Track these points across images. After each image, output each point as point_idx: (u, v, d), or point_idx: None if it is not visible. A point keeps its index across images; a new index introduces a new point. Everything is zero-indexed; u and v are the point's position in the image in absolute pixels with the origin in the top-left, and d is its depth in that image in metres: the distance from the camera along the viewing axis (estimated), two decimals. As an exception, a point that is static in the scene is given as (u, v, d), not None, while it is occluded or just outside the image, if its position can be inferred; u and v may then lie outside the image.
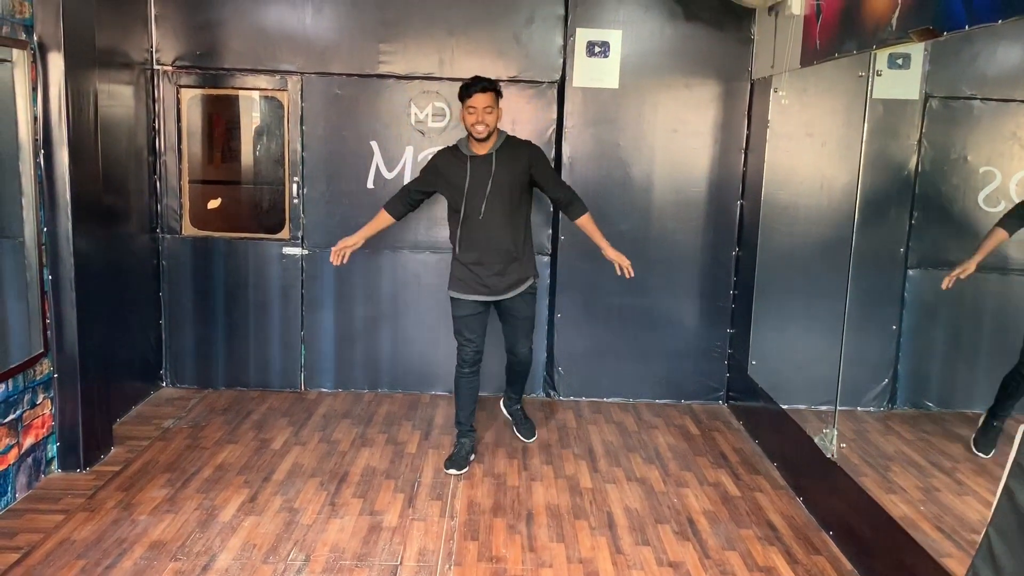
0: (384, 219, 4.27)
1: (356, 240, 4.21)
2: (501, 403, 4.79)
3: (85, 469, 4.03)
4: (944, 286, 3.85)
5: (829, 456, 3.64)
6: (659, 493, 4.01)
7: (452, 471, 4.17)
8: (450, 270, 4.25)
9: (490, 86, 3.96)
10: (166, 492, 3.84)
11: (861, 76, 3.54)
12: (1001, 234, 3.80)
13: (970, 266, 3.81)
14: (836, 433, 3.62)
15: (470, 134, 4.03)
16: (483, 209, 4.03)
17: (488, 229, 4.05)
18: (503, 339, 4.41)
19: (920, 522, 3.38)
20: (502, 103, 4.06)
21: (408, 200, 4.27)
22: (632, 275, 4.22)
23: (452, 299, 4.22)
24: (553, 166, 5.06)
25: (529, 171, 4.09)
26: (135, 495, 3.80)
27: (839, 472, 3.58)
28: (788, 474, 4.21)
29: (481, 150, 4.06)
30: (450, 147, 4.22)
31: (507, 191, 4.04)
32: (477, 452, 4.38)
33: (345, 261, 4.20)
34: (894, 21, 3.17)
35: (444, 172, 4.12)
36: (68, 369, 3.97)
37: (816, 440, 3.77)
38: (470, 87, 3.95)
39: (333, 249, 4.20)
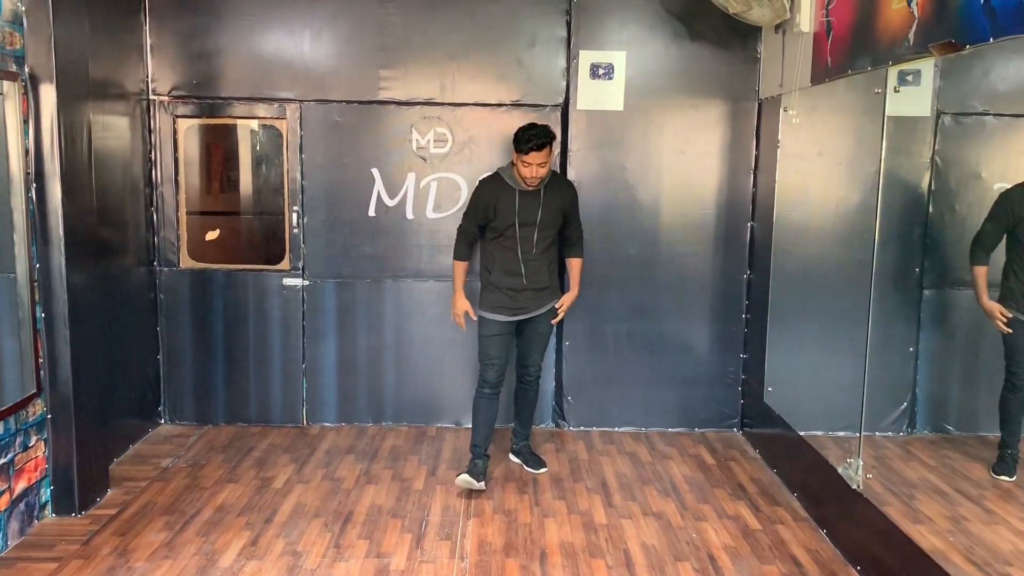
0: (464, 267, 4.34)
1: (462, 298, 4.31)
2: (510, 453, 4.63)
3: (80, 513, 3.88)
4: (1007, 332, 3.85)
5: (855, 487, 3.49)
6: (677, 528, 3.85)
7: (466, 475, 4.15)
8: (481, 291, 4.29)
9: (546, 141, 3.97)
10: (164, 536, 3.68)
11: (877, 93, 3.44)
12: (981, 270, 3.94)
13: (991, 308, 3.87)
14: (861, 463, 3.47)
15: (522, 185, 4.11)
16: (532, 240, 4.11)
17: (531, 259, 4.16)
18: (516, 356, 4.47)
19: (951, 554, 3.23)
20: (506, 128, 4.09)
21: (471, 239, 4.33)
22: (555, 321, 4.38)
23: (482, 318, 4.24)
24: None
25: (562, 211, 4.22)
26: (132, 540, 3.64)
27: (865, 504, 3.43)
28: (810, 505, 4.06)
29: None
30: (492, 177, 4.25)
31: (551, 225, 4.17)
32: (486, 488, 4.23)
33: (474, 317, 4.30)
34: (911, 36, 3.07)
35: (494, 202, 4.14)
36: (62, 409, 3.84)
37: (840, 470, 3.62)
38: (528, 142, 3.95)
39: (457, 322, 4.37)
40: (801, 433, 4.23)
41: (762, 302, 4.79)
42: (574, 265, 4.45)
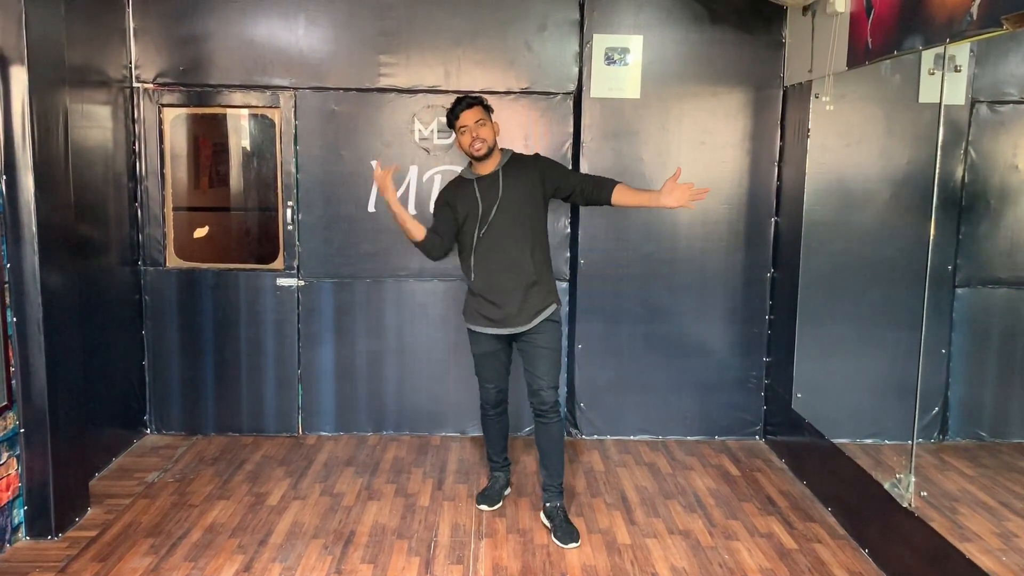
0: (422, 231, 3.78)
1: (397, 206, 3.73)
2: (541, 513, 3.81)
3: (57, 535, 3.56)
4: None
5: (906, 505, 3.20)
6: (707, 548, 3.55)
7: (483, 507, 3.86)
8: (464, 303, 3.85)
9: (475, 101, 3.67)
10: (149, 561, 3.36)
11: (933, 74, 3.15)
12: None
13: None
14: (913, 479, 3.18)
15: (472, 158, 3.70)
16: (497, 230, 3.65)
17: (503, 251, 3.66)
18: (526, 384, 3.75)
19: (1006, 576, 2.94)
20: (515, 117, 3.64)
21: (435, 238, 3.80)
22: (703, 197, 3.59)
23: (469, 331, 3.82)
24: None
25: (542, 183, 3.70)
26: (113, 566, 3.32)
27: (917, 523, 3.14)
28: (847, 521, 3.76)
29: (485, 169, 3.71)
30: (453, 180, 3.86)
31: (519, 208, 3.67)
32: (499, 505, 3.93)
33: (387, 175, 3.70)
34: (975, 9, 2.77)
35: (454, 202, 3.74)
36: (37, 422, 3.51)
37: (887, 486, 3.33)
38: (455, 108, 3.67)
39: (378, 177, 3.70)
40: (836, 442, 3.94)
41: (789, 303, 4.50)
42: (623, 194, 3.64)
